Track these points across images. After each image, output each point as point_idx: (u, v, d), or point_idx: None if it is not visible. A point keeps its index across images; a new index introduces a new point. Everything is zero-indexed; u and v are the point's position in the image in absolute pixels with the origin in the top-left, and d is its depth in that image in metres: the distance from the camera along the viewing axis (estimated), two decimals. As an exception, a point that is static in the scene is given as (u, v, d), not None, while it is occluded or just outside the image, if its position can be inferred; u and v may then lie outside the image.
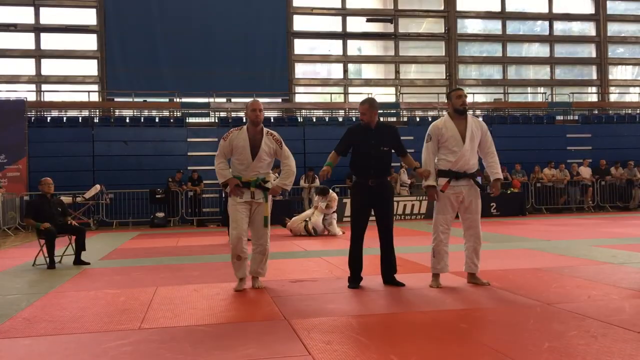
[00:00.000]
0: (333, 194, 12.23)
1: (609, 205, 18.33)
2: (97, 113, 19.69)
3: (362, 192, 5.62)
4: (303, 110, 20.96)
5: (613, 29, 23.71)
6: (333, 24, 21.91)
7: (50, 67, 20.25)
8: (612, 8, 23.70)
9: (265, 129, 5.73)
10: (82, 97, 19.75)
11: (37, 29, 19.99)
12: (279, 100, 21.00)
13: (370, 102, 5.68)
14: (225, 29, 20.29)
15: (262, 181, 5.60)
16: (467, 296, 5.13)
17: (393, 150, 5.77)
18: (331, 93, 21.86)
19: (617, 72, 24.06)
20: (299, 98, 21.55)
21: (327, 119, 20.41)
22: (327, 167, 5.57)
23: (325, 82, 22.22)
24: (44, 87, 20.09)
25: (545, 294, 5.05)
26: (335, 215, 12.16)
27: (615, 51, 23.93)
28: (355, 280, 5.63)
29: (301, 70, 21.81)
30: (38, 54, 20.05)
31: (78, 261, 7.98)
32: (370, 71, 22.67)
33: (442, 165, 5.59)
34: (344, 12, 21.87)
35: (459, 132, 5.51)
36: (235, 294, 5.47)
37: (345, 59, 21.99)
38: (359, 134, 5.69)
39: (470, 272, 5.67)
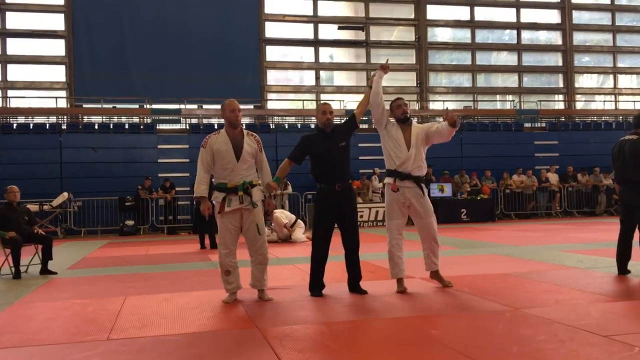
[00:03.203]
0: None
1: (576, 210, 18.70)
2: (65, 119, 19.36)
3: (328, 198, 5.58)
4: (275, 117, 20.94)
5: (578, 38, 24.27)
6: (305, 31, 21.96)
7: (16, 72, 19.83)
8: (578, 18, 24.25)
9: (244, 130, 5.48)
10: (50, 104, 19.39)
11: (3, 33, 19.59)
12: (251, 106, 20.94)
13: (331, 105, 5.79)
14: (196, 35, 20.16)
15: (249, 184, 5.30)
16: (437, 302, 5.17)
17: (351, 127, 5.79)
18: (303, 100, 21.89)
19: (582, 81, 24.61)
20: (271, 105, 21.52)
21: (299, 125, 20.42)
22: (275, 183, 5.48)
23: (297, 89, 22.25)
24: (10, 93, 19.68)
25: (513, 298, 5.12)
26: (301, 224, 12.31)
27: (581, 60, 24.48)
28: (318, 287, 5.61)
29: (273, 77, 21.79)
30: (4, 59, 19.63)
31: (45, 271, 7.83)
32: (342, 78, 22.78)
33: (388, 165, 5.75)
34: (315, 20, 21.94)
35: (404, 138, 5.66)
36: (207, 302, 5.40)
37: (317, 66, 22.05)
38: (317, 141, 5.66)
39: (433, 270, 5.82)
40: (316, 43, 21.98)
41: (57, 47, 19.86)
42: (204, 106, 19.99)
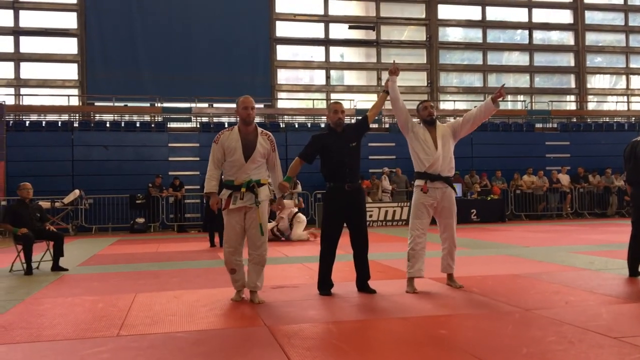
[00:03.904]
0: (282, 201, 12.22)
1: (587, 212, 18.58)
2: (77, 117, 19.50)
3: (338, 197, 5.57)
4: (285, 116, 20.98)
5: (591, 38, 24.11)
6: (316, 30, 21.98)
7: (29, 70, 20.02)
8: (590, 18, 24.11)
9: (259, 128, 5.38)
10: (62, 101, 19.55)
11: (17, 32, 19.76)
12: (262, 105, 20.98)
13: (343, 104, 5.79)
14: (207, 33, 20.26)
15: (255, 183, 5.20)
16: (446, 302, 5.16)
17: (362, 128, 5.79)
18: (313, 99, 21.91)
19: (595, 81, 24.45)
20: (281, 104, 21.57)
21: (309, 124, 20.44)
22: (287, 183, 5.44)
23: (307, 88, 22.28)
24: (23, 90, 19.85)
25: (523, 299, 5.10)
26: (300, 218, 12.12)
27: (593, 60, 24.33)
28: (327, 286, 5.61)
29: (284, 76, 21.84)
30: (17, 57, 19.81)
31: (56, 267, 7.88)
32: (352, 78, 22.77)
33: (417, 168, 5.77)
34: (326, 19, 21.95)
35: (432, 139, 5.70)
36: (216, 300, 5.42)
37: (327, 65, 22.06)
38: (328, 140, 5.64)
39: (448, 273, 5.84)
40: (327, 42, 21.99)
41: (70, 46, 20.01)
42: (215, 105, 20.08)
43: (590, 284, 5.80)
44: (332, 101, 5.88)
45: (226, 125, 18.72)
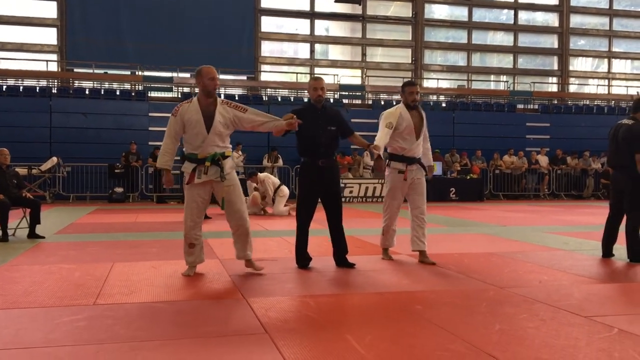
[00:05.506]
0: (261, 175, 12.14)
1: (563, 193, 18.85)
2: (56, 83, 19.13)
3: (312, 173, 5.58)
4: (268, 89, 20.81)
5: (575, 20, 24.19)
6: (301, 2, 21.72)
7: (6, 33, 19.53)
8: (576, 0, 24.16)
9: (219, 99, 5.19)
10: (41, 67, 19.15)
11: (-6, -7, 19.25)
12: (244, 77, 20.79)
13: (323, 80, 5.74)
14: (192, 2, 19.91)
15: (220, 156, 5.09)
16: (422, 278, 5.23)
17: (341, 130, 5.71)
18: (297, 73, 21.75)
19: (577, 64, 24.61)
20: (264, 77, 21.37)
21: (292, 98, 20.31)
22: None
23: (291, 62, 22.09)
24: (0, 54, 19.39)
25: (498, 278, 5.18)
26: (283, 192, 11.98)
27: (577, 43, 24.45)
28: (305, 260, 5.65)
29: (268, 49, 21.61)
30: (-6, 20, 19.32)
31: (32, 234, 7.82)
32: (336, 52, 22.62)
33: (394, 151, 5.96)
34: (312, -9, 21.69)
35: (413, 125, 5.89)
36: (194, 271, 5.41)
37: (312, 39, 21.87)
38: (306, 115, 5.50)
39: (420, 250, 5.98)
40: (312, 15, 21.76)
41: (49, 9, 19.54)
42: (197, 75, 19.79)
43: (563, 264, 5.90)
44: (312, 77, 5.82)
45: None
